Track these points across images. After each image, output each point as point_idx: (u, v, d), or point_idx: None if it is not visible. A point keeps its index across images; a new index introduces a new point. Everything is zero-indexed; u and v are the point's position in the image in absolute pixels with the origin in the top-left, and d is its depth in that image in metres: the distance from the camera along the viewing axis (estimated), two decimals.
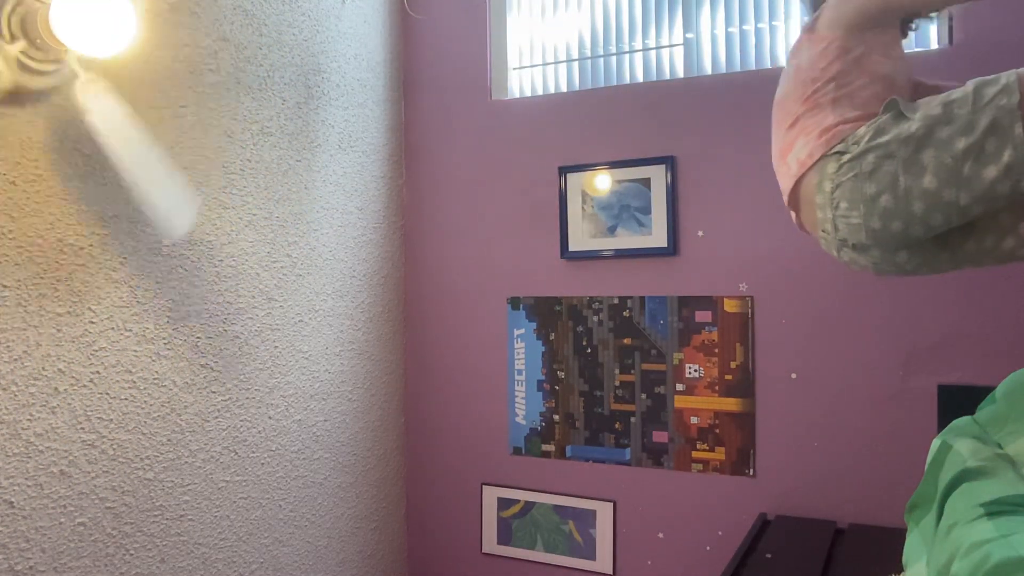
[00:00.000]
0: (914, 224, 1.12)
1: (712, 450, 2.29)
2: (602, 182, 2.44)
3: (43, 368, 1.55)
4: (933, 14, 1.42)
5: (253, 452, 2.10)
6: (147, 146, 1.65)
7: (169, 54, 1.82)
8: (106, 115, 1.54)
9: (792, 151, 1.29)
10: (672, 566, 2.35)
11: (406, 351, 2.80)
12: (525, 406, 2.58)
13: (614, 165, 2.42)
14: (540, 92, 2.65)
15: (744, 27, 2.33)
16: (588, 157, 2.47)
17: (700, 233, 2.31)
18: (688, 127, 2.33)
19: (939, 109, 1.11)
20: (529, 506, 2.57)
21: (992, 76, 1.14)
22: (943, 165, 1.08)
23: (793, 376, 2.19)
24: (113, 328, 1.69)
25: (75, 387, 1.61)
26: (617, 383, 2.43)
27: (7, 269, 1.48)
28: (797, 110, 1.31)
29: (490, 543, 2.64)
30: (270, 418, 2.16)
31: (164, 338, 1.82)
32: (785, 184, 1.31)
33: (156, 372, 1.80)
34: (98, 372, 1.66)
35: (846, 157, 1.18)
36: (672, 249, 2.33)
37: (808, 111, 1.28)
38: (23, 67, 1.44)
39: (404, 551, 2.80)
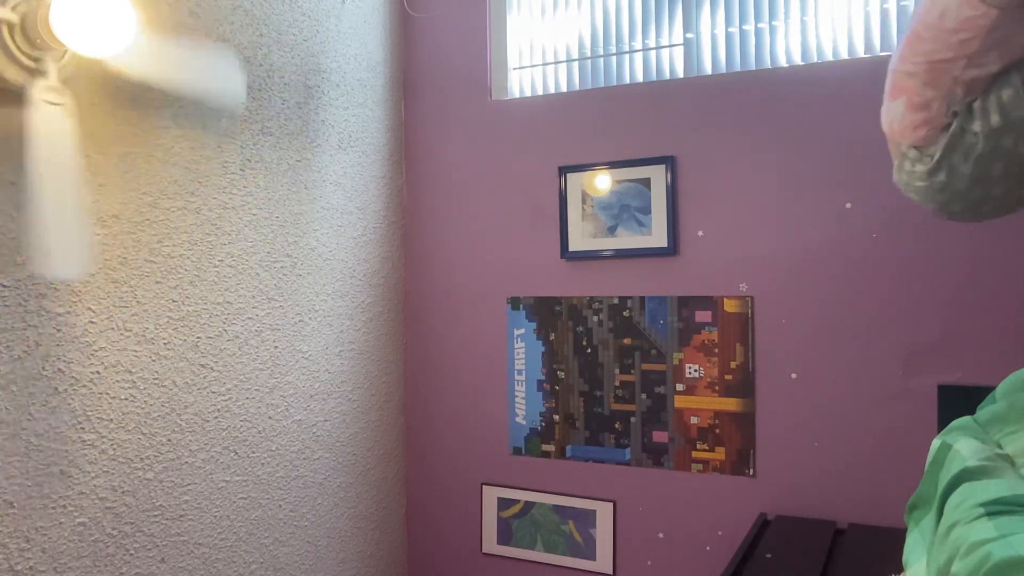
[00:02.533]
0: None
1: (712, 450, 2.29)
2: (602, 182, 2.44)
3: (43, 368, 1.55)
4: None
5: (253, 452, 2.10)
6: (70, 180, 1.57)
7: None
8: (52, 128, 1.51)
9: None
10: (672, 566, 2.35)
11: (406, 351, 2.80)
12: (525, 406, 2.58)
13: (614, 165, 2.42)
14: (540, 92, 2.65)
15: (744, 27, 2.33)
16: (588, 157, 2.47)
17: (700, 233, 2.31)
18: (688, 127, 2.33)
19: None
20: (529, 506, 2.57)
21: None
22: None
23: (793, 376, 2.19)
24: (113, 328, 1.69)
25: (75, 387, 1.61)
26: (617, 383, 2.43)
27: (7, 269, 1.48)
28: None
29: (490, 543, 2.64)
30: (270, 418, 2.16)
31: (164, 338, 1.82)
32: None
33: (157, 372, 1.80)
34: (98, 372, 1.66)
35: None
36: (672, 249, 2.33)
37: None
38: (23, 67, 1.43)
39: (404, 551, 2.80)
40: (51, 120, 1.44)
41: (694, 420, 2.31)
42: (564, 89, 2.62)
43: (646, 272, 2.39)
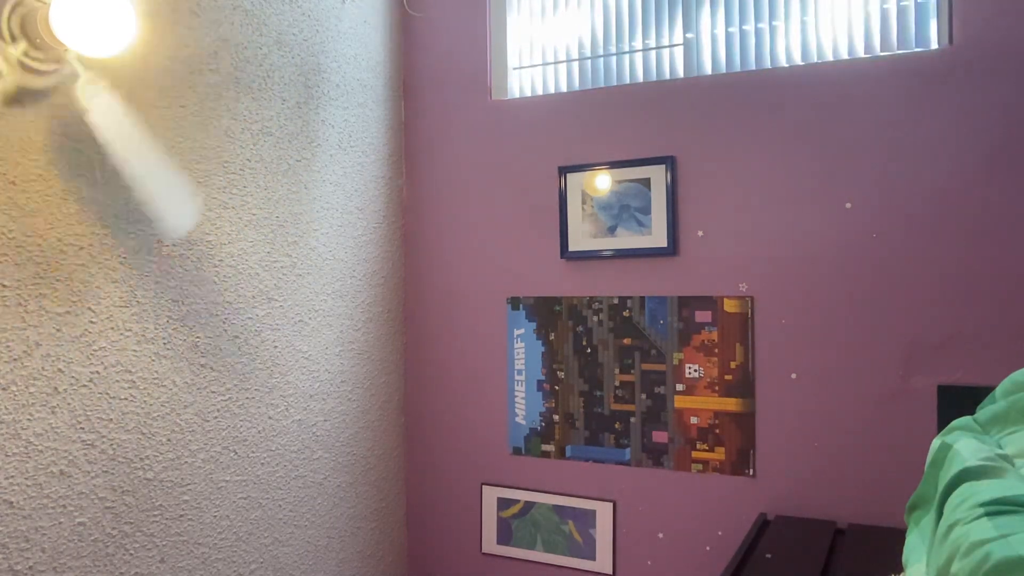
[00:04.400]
0: None
1: (712, 450, 2.29)
2: (602, 182, 2.44)
3: (43, 368, 1.55)
4: None
5: (253, 452, 2.10)
6: (148, 145, 1.65)
7: (169, 54, 1.82)
8: (106, 115, 1.54)
9: None
10: (672, 566, 2.35)
11: (406, 351, 2.81)
12: (525, 406, 2.58)
13: (614, 165, 2.42)
14: (540, 92, 2.65)
15: (744, 27, 2.33)
16: (588, 157, 2.47)
17: (700, 233, 2.31)
18: (688, 127, 2.33)
19: None
20: (529, 506, 2.57)
21: None
22: None
23: (793, 376, 2.19)
24: (113, 328, 1.69)
25: (75, 387, 1.61)
26: (617, 383, 2.43)
27: (7, 269, 1.48)
28: None
29: (490, 543, 2.64)
30: (270, 418, 2.16)
31: (164, 338, 1.82)
32: None
33: (156, 372, 1.80)
34: (98, 372, 1.66)
35: None
36: (672, 249, 2.33)
37: None
38: (23, 67, 1.44)
39: (404, 551, 2.80)
40: (103, 106, 1.54)
41: (694, 420, 2.31)
42: (564, 89, 2.62)
43: (646, 272, 2.39)
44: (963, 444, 1.02)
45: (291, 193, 2.24)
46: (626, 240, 2.40)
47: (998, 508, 0.77)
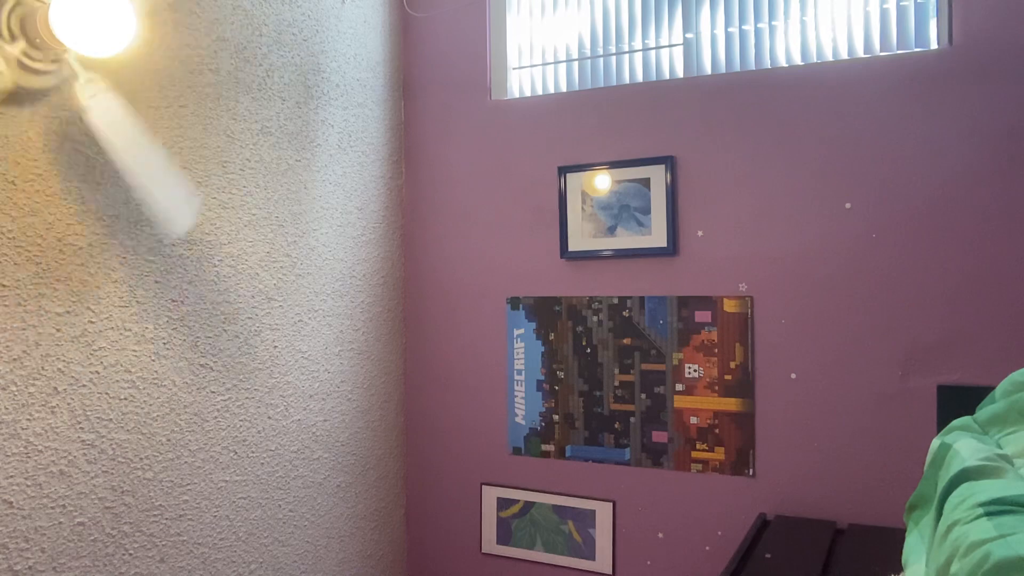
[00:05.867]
0: None
1: (712, 450, 2.29)
2: (602, 182, 2.44)
3: (43, 368, 1.55)
4: None
5: (253, 452, 2.10)
6: (147, 145, 1.65)
7: (169, 54, 1.82)
8: (106, 115, 1.54)
9: None
10: (672, 566, 2.35)
11: (406, 351, 2.81)
12: (525, 406, 2.58)
13: (614, 165, 2.42)
14: (540, 92, 2.65)
15: (744, 27, 2.33)
16: (588, 157, 2.47)
17: (700, 233, 2.31)
18: (688, 127, 2.33)
19: None
20: (529, 506, 2.57)
21: None
22: None
23: (793, 376, 2.19)
24: (113, 328, 1.69)
25: (75, 387, 1.61)
26: (617, 383, 2.43)
27: (7, 269, 1.48)
28: None
29: (490, 543, 2.64)
30: (270, 418, 2.16)
31: (164, 338, 1.82)
32: None
33: (156, 372, 1.80)
34: (98, 372, 1.66)
35: None
36: (672, 249, 2.33)
37: None
38: (23, 67, 1.44)
39: (404, 551, 2.80)
40: (104, 106, 1.53)
41: (694, 420, 2.31)
42: (564, 89, 2.62)
43: (646, 272, 2.39)
44: (963, 444, 1.02)
45: (291, 193, 2.24)
46: (626, 240, 2.40)
47: (997, 508, 0.77)
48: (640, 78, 2.49)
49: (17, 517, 1.50)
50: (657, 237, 2.35)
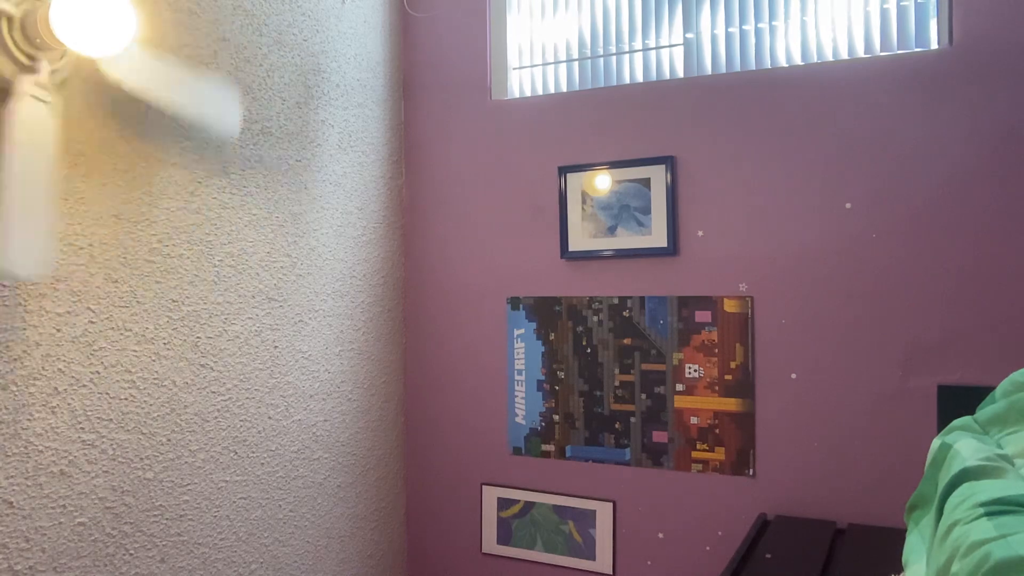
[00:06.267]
0: None
1: (712, 450, 2.29)
2: (602, 182, 2.44)
3: (43, 368, 1.55)
4: None
5: (253, 452, 2.10)
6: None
7: (169, 54, 1.82)
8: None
9: None
10: (672, 566, 2.35)
11: (406, 351, 2.81)
12: (525, 406, 2.58)
13: (614, 165, 2.42)
14: (540, 92, 2.65)
15: (744, 27, 2.33)
16: (588, 157, 2.47)
17: (700, 233, 2.31)
18: (688, 127, 2.33)
19: None
20: (529, 506, 2.57)
21: None
22: None
23: (793, 376, 2.19)
24: (113, 328, 1.69)
25: (75, 387, 1.61)
26: (617, 383, 2.43)
27: None
28: None
29: (490, 543, 2.64)
30: (270, 418, 2.16)
31: (164, 338, 1.82)
32: None
33: (156, 372, 1.80)
34: (98, 372, 1.66)
35: None
36: (672, 249, 2.33)
37: None
38: (15, 61, 1.43)
39: (404, 551, 2.80)
40: (34, 115, 1.43)
41: (694, 420, 2.31)
42: (564, 89, 2.62)
43: (646, 272, 2.39)
44: (963, 444, 1.02)
45: (291, 193, 2.24)
46: (626, 240, 2.40)
47: (998, 508, 0.77)
48: (640, 78, 2.48)
49: (17, 517, 1.50)
50: (657, 237, 2.35)
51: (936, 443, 1.12)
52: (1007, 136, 1.97)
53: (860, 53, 2.19)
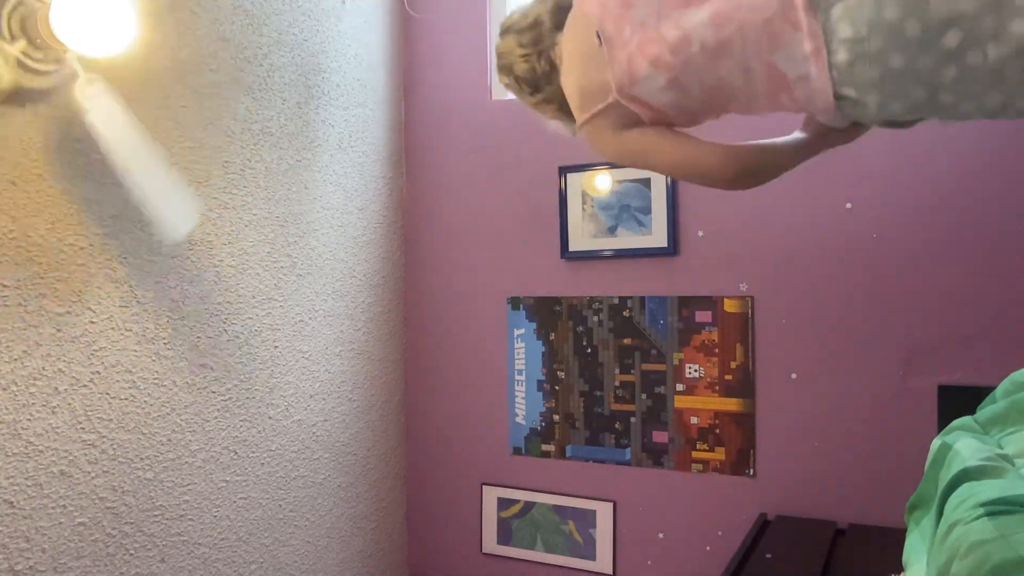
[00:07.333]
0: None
1: (712, 450, 2.29)
2: (602, 182, 2.44)
3: (43, 368, 1.55)
4: None
5: (253, 452, 2.10)
6: (146, 146, 1.64)
7: (169, 54, 1.82)
8: (106, 115, 1.54)
9: None
10: (672, 566, 2.35)
11: (406, 351, 2.80)
12: (525, 406, 2.58)
13: (614, 165, 2.41)
14: None
15: None
16: (588, 157, 2.47)
17: (700, 233, 2.31)
18: None
19: None
20: (529, 506, 2.57)
21: None
22: None
23: (793, 376, 2.19)
24: (113, 328, 1.69)
25: (75, 387, 1.61)
26: (617, 383, 2.43)
27: (7, 269, 1.48)
28: None
29: (490, 543, 2.64)
30: (270, 418, 2.16)
31: (164, 338, 1.82)
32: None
33: (156, 372, 1.80)
34: (98, 372, 1.66)
35: None
36: (672, 249, 2.33)
37: None
38: (23, 67, 1.43)
39: (404, 551, 2.80)
40: (102, 106, 1.51)
41: (694, 420, 2.31)
42: None
43: (646, 272, 2.39)
44: (963, 444, 1.02)
45: (291, 193, 2.24)
46: (626, 240, 2.40)
47: (998, 508, 0.77)
48: None
49: (18, 517, 1.50)
50: (657, 237, 2.35)
51: (936, 443, 1.12)
52: (1008, 135, 1.97)
53: None
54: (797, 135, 1.34)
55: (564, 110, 1.40)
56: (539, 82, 1.40)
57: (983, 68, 0.99)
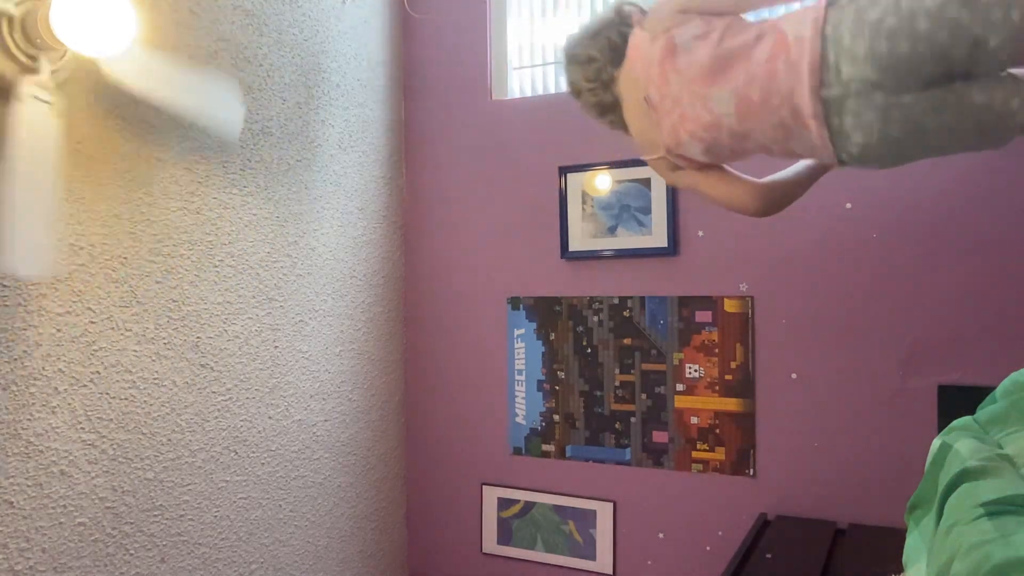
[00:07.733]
0: (919, 43, 1.14)
1: (712, 450, 2.29)
2: (602, 182, 2.44)
3: (43, 368, 1.55)
4: None
5: (253, 452, 2.10)
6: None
7: (169, 54, 1.82)
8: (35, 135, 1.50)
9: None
10: (672, 566, 2.35)
11: (406, 351, 2.80)
12: (525, 406, 2.58)
13: (614, 165, 2.41)
14: (540, 92, 2.65)
15: None
16: (588, 157, 2.47)
17: (700, 233, 2.31)
18: None
19: None
20: (529, 506, 2.57)
21: None
22: None
23: (793, 376, 2.19)
24: (113, 328, 1.69)
25: (75, 387, 1.61)
26: (617, 383, 2.43)
27: None
28: None
29: (490, 543, 2.64)
30: (270, 418, 2.16)
31: (164, 338, 1.82)
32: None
33: (156, 372, 1.80)
34: (98, 372, 1.66)
35: None
36: (672, 249, 2.33)
37: None
38: (16, 62, 1.43)
39: (404, 551, 2.80)
40: (36, 116, 1.43)
41: (694, 420, 2.31)
42: (564, 89, 2.61)
43: (646, 272, 2.39)
44: (963, 444, 1.02)
45: (291, 193, 2.24)
46: (626, 240, 2.40)
47: (998, 508, 0.77)
48: None
49: (18, 517, 1.50)
50: (657, 237, 2.35)
51: (936, 443, 1.12)
52: None
53: None
54: (808, 163, 1.61)
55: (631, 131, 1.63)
56: (606, 111, 1.60)
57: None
